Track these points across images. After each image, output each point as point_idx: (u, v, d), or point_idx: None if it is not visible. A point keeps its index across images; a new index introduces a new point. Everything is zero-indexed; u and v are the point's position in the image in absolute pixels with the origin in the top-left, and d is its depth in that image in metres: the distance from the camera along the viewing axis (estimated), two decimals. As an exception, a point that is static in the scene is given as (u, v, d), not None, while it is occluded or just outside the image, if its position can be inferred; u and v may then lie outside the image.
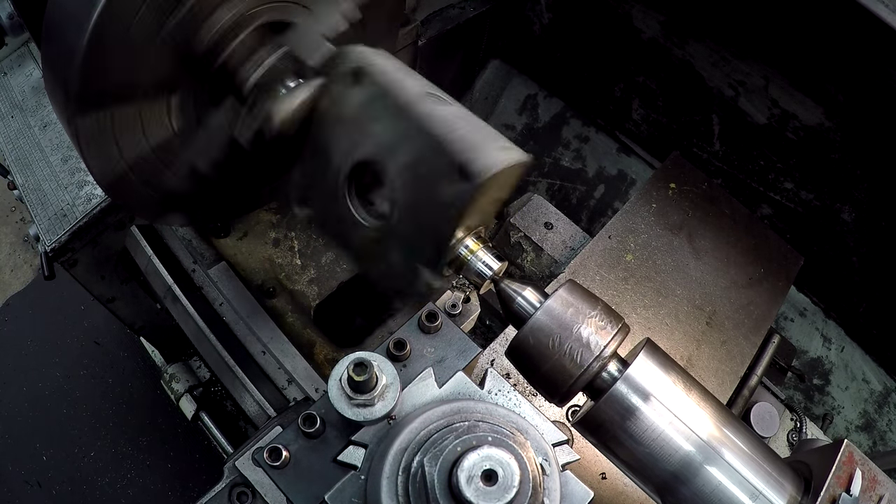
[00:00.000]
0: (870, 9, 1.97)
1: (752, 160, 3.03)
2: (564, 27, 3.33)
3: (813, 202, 2.92)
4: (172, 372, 2.95)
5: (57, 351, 3.90)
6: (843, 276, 3.03)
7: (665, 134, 3.31)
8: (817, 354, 3.24)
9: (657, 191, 2.40)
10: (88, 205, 2.28)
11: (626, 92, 3.32)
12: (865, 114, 2.51)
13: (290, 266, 2.47)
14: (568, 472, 1.09)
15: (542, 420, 1.17)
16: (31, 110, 2.50)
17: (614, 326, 1.22)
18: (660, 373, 1.21)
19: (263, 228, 2.50)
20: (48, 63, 1.42)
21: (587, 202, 3.67)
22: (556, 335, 1.20)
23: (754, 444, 1.21)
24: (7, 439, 3.63)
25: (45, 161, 2.38)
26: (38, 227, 2.29)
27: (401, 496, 0.99)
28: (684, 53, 2.93)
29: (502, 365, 1.92)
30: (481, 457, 0.93)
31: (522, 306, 1.29)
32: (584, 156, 3.68)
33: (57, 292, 3.93)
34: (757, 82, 2.76)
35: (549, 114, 3.74)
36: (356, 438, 1.12)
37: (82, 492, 3.52)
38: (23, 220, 4.38)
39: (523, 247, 2.40)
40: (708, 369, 2.08)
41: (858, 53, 2.33)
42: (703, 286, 2.22)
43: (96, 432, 3.68)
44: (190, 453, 3.59)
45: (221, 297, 2.27)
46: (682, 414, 1.18)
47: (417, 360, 1.25)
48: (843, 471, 1.14)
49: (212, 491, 1.33)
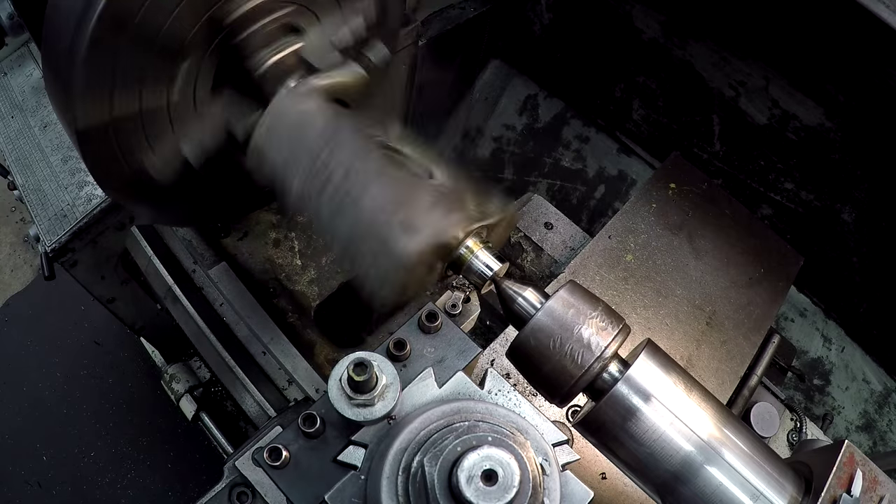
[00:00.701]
0: (870, 9, 1.97)
1: (752, 160, 3.03)
2: (565, 27, 3.33)
3: (813, 202, 2.92)
4: (172, 372, 2.95)
5: (57, 351, 3.90)
6: (843, 277, 3.03)
7: (665, 134, 3.31)
8: (817, 355, 3.24)
9: (657, 191, 2.40)
10: (89, 205, 2.28)
11: (627, 92, 3.32)
12: (866, 114, 2.51)
13: (291, 266, 2.47)
14: (568, 472, 1.09)
15: (542, 420, 1.17)
16: (32, 110, 2.50)
17: (615, 327, 1.22)
18: (661, 374, 1.21)
19: (264, 229, 2.50)
20: (48, 62, 1.42)
21: (587, 202, 3.67)
22: (557, 336, 1.19)
23: (755, 445, 1.21)
24: (7, 439, 3.64)
25: (45, 161, 2.38)
26: (38, 228, 2.30)
27: (401, 496, 0.99)
28: (685, 54, 2.93)
29: (502, 365, 1.92)
30: (481, 457, 0.93)
31: (523, 307, 1.29)
32: (585, 156, 3.68)
33: (57, 293, 3.92)
34: (757, 83, 2.76)
35: (549, 114, 3.73)
36: (356, 438, 1.12)
37: (82, 492, 3.52)
38: (23, 221, 4.38)
39: (523, 247, 2.40)
40: (708, 369, 2.08)
41: (859, 54, 2.33)
42: (703, 286, 2.22)
43: (96, 432, 3.68)
44: (190, 453, 3.59)
45: (222, 297, 2.27)
46: (683, 415, 1.17)
47: (417, 360, 1.25)
48: (844, 471, 1.14)
49: (212, 491, 1.33)
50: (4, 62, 2.65)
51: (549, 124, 3.73)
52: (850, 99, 2.51)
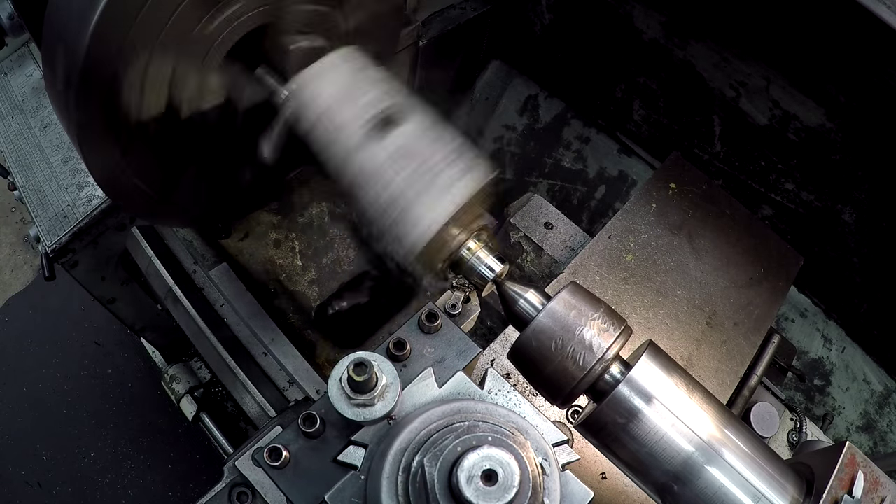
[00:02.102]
0: (871, 9, 1.97)
1: (753, 161, 3.03)
2: (565, 28, 3.33)
3: (814, 203, 2.92)
4: (173, 373, 2.95)
5: (57, 351, 3.90)
6: (843, 277, 3.03)
7: (666, 135, 3.31)
8: (818, 355, 3.24)
9: (657, 191, 2.40)
10: (89, 206, 2.28)
11: (627, 93, 3.32)
12: (866, 115, 2.51)
13: (291, 267, 2.47)
14: (568, 472, 1.09)
15: (542, 420, 1.17)
16: (32, 111, 2.50)
17: (617, 329, 1.22)
18: (662, 375, 1.21)
19: (264, 229, 2.51)
20: (49, 63, 1.42)
21: (588, 203, 3.67)
22: (558, 337, 1.20)
23: (756, 447, 1.21)
24: (7, 440, 3.64)
25: (45, 162, 2.38)
26: (38, 228, 2.29)
27: (401, 496, 0.99)
28: (685, 54, 2.93)
29: (502, 365, 1.92)
30: (481, 457, 0.93)
31: (525, 308, 1.29)
32: (585, 156, 3.67)
33: (57, 293, 3.93)
34: (758, 83, 2.76)
35: (549, 114, 3.73)
36: (356, 438, 1.12)
37: (83, 492, 3.52)
38: (23, 221, 4.38)
39: (523, 247, 2.40)
40: (708, 369, 2.08)
41: (860, 54, 2.33)
42: (703, 286, 2.22)
43: (97, 433, 3.68)
44: (190, 454, 3.60)
45: (222, 298, 2.27)
46: (684, 416, 1.18)
47: (417, 360, 1.25)
48: (846, 473, 1.14)
49: (212, 491, 1.33)
50: (5, 62, 2.65)
51: (550, 125, 3.73)
52: (850, 100, 2.50)
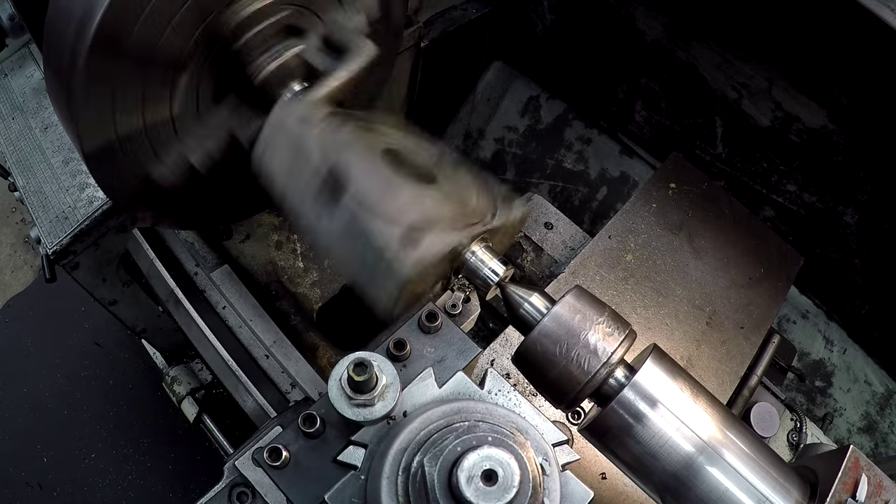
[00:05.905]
0: (874, 12, 1.97)
1: (755, 162, 3.03)
2: (567, 29, 3.33)
3: (816, 204, 2.92)
4: (174, 374, 2.95)
5: (58, 353, 3.90)
6: (845, 279, 3.02)
7: (668, 136, 3.31)
8: (819, 356, 3.23)
9: (657, 191, 2.40)
10: (90, 207, 2.27)
11: (629, 94, 3.32)
12: (869, 117, 2.51)
13: (293, 269, 2.47)
14: (568, 472, 1.09)
15: (542, 420, 1.17)
16: (33, 112, 2.50)
17: (621, 333, 1.22)
18: (667, 379, 1.21)
19: (266, 231, 2.51)
20: (49, 63, 1.42)
21: (589, 204, 3.67)
22: (563, 341, 1.19)
23: (760, 451, 1.21)
24: (8, 441, 3.63)
25: (46, 163, 2.38)
26: (39, 230, 2.29)
27: (401, 496, 0.99)
28: (687, 55, 2.93)
29: (502, 365, 1.92)
30: (481, 457, 0.93)
31: (529, 312, 1.28)
32: (587, 158, 3.67)
33: (58, 294, 3.92)
34: (760, 85, 2.76)
35: (551, 115, 3.73)
36: (356, 438, 1.12)
37: (83, 493, 3.52)
38: (23, 222, 4.38)
39: (523, 247, 2.40)
40: (708, 369, 2.07)
41: (862, 56, 2.33)
42: (703, 286, 2.22)
43: (97, 434, 3.67)
44: (191, 455, 3.59)
45: (224, 300, 2.27)
46: (689, 420, 1.17)
47: (417, 360, 1.25)
48: (849, 476, 1.14)
49: (212, 491, 1.32)
50: (5, 63, 2.64)
51: (551, 126, 3.73)
52: (853, 101, 2.50)
